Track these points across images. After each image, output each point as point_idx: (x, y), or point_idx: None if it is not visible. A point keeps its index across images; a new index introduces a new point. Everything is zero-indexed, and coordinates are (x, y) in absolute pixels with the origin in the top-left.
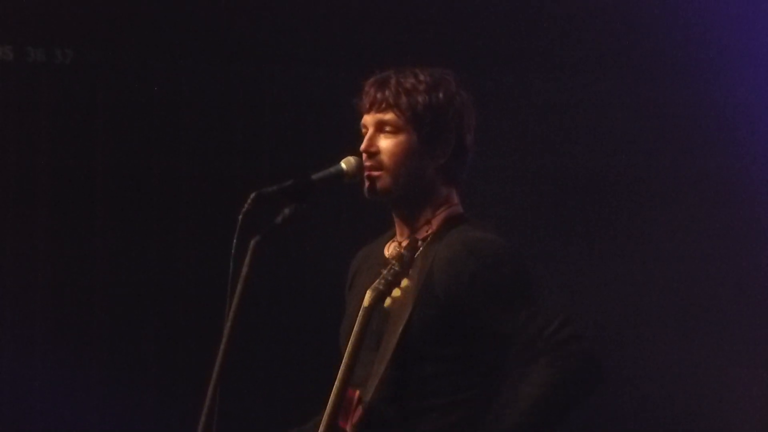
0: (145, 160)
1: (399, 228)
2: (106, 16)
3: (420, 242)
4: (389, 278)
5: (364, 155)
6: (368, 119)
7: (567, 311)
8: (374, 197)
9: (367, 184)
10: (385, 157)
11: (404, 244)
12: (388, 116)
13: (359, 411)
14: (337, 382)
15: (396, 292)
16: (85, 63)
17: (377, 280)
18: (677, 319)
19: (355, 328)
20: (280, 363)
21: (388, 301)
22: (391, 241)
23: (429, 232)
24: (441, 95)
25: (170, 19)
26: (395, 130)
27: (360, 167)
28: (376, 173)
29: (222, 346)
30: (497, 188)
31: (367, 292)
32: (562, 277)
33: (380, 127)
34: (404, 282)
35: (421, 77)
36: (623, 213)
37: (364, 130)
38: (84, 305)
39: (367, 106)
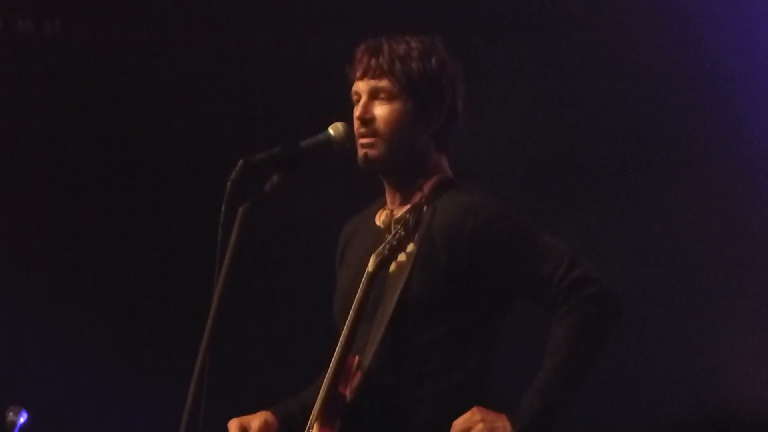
0: (134, 128)
1: (390, 196)
2: None
3: (423, 207)
4: (394, 243)
5: (358, 122)
6: (361, 86)
7: (571, 253)
8: (368, 166)
9: (362, 152)
10: (380, 125)
11: (405, 210)
12: (383, 83)
13: (358, 376)
14: (338, 348)
15: (401, 257)
16: (74, 33)
17: (381, 246)
18: (677, 293)
19: (358, 294)
20: (270, 330)
21: (392, 266)
22: (382, 210)
23: (421, 197)
24: (434, 62)
25: None
26: (390, 97)
27: (349, 134)
28: (371, 140)
29: (211, 314)
30: (490, 156)
31: (372, 257)
32: None
33: (374, 94)
34: (410, 247)
35: (413, 44)
36: (621, 187)
37: (356, 98)
38: (74, 273)
39: (360, 73)
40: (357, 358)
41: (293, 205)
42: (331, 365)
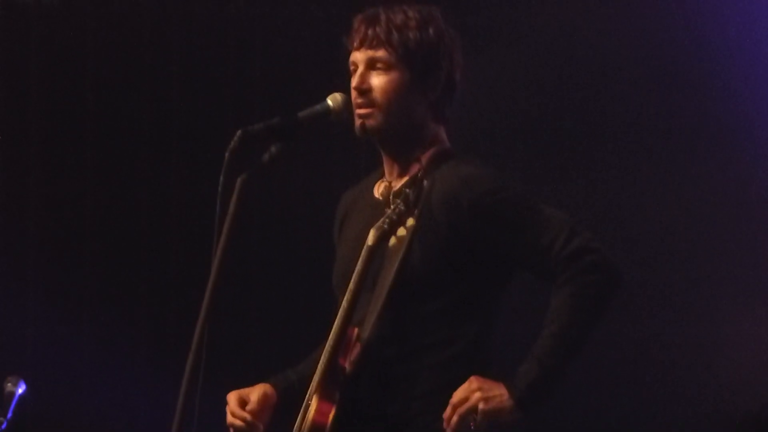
0: (133, 99)
1: (388, 167)
2: None
3: (423, 181)
4: (394, 218)
5: (355, 93)
6: (359, 56)
7: (571, 222)
8: (365, 136)
9: (358, 122)
10: (377, 95)
11: (403, 182)
12: (380, 53)
13: (358, 347)
14: (337, 321)
15: (401, 231)
16: (74, 4)
17: (381, 219)
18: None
19: (358, 267)
20: (269, 302)
21: (392, 240)
22: (380, 181)
23: (419, 169)
24: (431, 31)
25: None
26: (387, 67)
27: (347, 104)
28: (368, 110)
29: (210, 284)
30: (488, 125)
31: (371, 231)
32: None
33: (371, 64)
34: (409, 221)
35: (410, 13)
36: (620, 152)
37: (353, 68)
38: (72, 245)
39: (357, 43)
40: (356, 330)
41: (291, 175)
42: (330, 337)
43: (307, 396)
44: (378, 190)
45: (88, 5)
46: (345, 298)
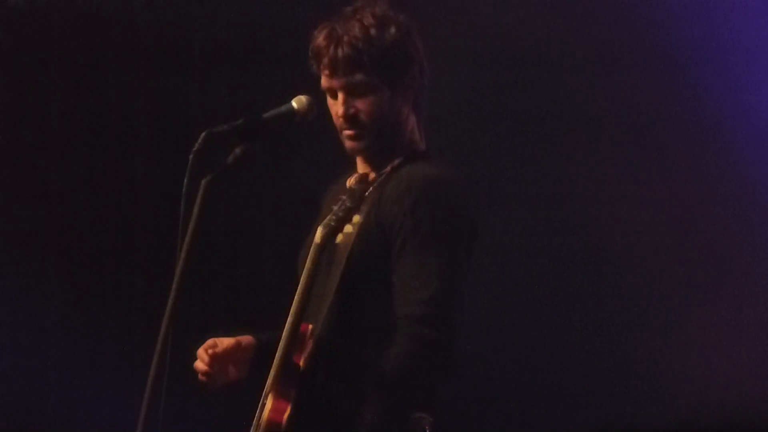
0: (98, 100)
1: (361, 165)
2: None
3: (375, 178)
4: (340, 214)
5: (341, 120)
6: (335, 83)
7: (448, 289)
8: (357, 155)
9: (350, 144)
10: (365, 118)
11: (353, 180)
12: (357, 77)
13: (310, 344)
14: (289, 318)
15: (348, 228)
16: (39, 4)
17: (328, 216)
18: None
19: (307, 265)
20: (234, 303)
21: (339, 237)
22: (353, 174)
23: (389, 168)
24: (393, 31)
25: None
26: (367, 90)
27: (311, 106)
28: (359, 132)
29: (174, 287)
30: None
31: (318, 228)
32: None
33: (350, 90)
34: (355, 218)
35: (366, 20)
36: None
37: (330, 93)
38: (36, 245)
39: (329, 70)
40: (309, 326)
41: (257, 174)
42: (283, 335)
43: (262, 395)
44: (350, 181)
45: (54, 5)
46: (296, 296)
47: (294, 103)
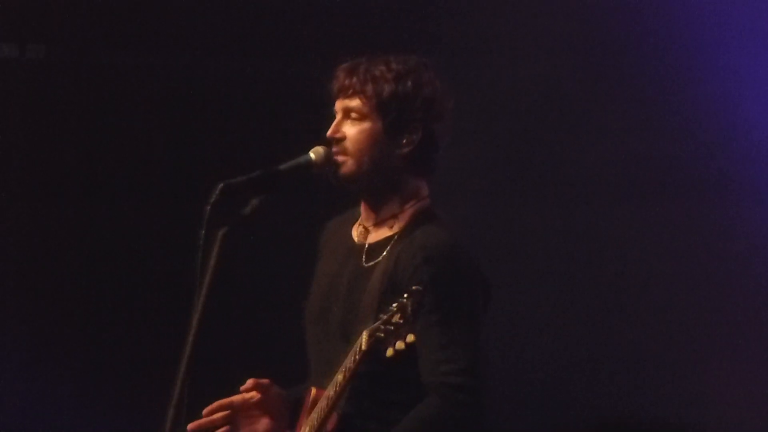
0: (115, 153)
1: (365, 212)
2: (78, 11)
3: (419, 293)
4: (390, 328)
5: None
6: (337, 105)
7: (475, 356)
8: (339, 183)
9: (333, 168)
10: (349, 144)
11: (382, 237)
12: (354, 103)
13: (334, 418)
14: (323, 407)
15: (400, 345)
16: (57, 58)
17: (377, 324)
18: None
19: (348, 364)
20: (249, 355)
21: (389, 352)
22: (358, 224)
23: (397, 228)
24: (409, 84)
25: (142, 13)
26: (361, 117)
27: (329, 157)
28: (341, 158)
29: (190, 338)
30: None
31: (364, 334)
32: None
33: (347, 113)
34: (410, 338)
35: (393, 65)
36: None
37: (336, 116)
38: (52, 296)
39: (336, 91)
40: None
41: (273, 224)
42: (317, 420)
43: None
44: (355, 232)
45: (71, 58)
46: (332, 389)
47: (311, 155)
